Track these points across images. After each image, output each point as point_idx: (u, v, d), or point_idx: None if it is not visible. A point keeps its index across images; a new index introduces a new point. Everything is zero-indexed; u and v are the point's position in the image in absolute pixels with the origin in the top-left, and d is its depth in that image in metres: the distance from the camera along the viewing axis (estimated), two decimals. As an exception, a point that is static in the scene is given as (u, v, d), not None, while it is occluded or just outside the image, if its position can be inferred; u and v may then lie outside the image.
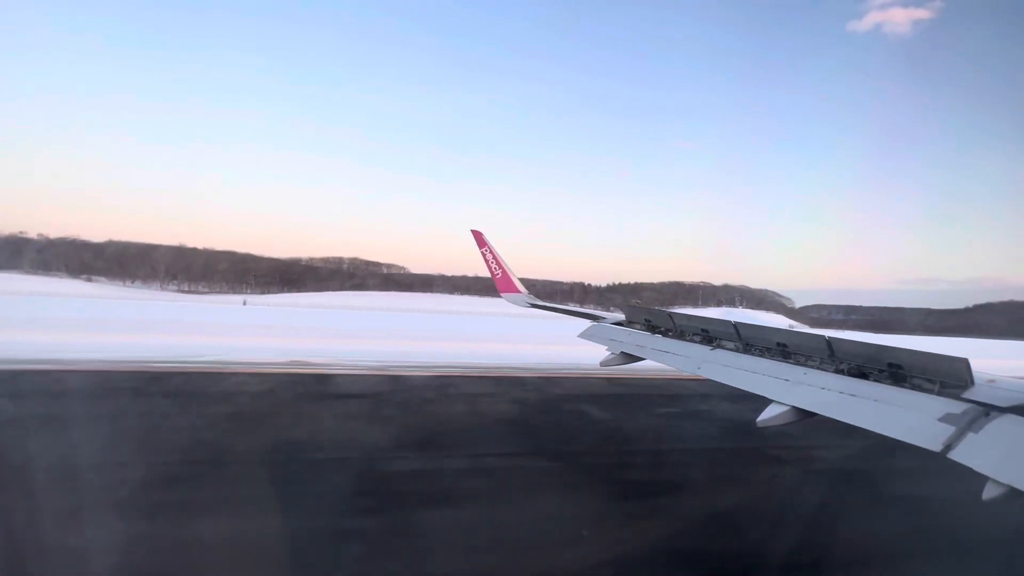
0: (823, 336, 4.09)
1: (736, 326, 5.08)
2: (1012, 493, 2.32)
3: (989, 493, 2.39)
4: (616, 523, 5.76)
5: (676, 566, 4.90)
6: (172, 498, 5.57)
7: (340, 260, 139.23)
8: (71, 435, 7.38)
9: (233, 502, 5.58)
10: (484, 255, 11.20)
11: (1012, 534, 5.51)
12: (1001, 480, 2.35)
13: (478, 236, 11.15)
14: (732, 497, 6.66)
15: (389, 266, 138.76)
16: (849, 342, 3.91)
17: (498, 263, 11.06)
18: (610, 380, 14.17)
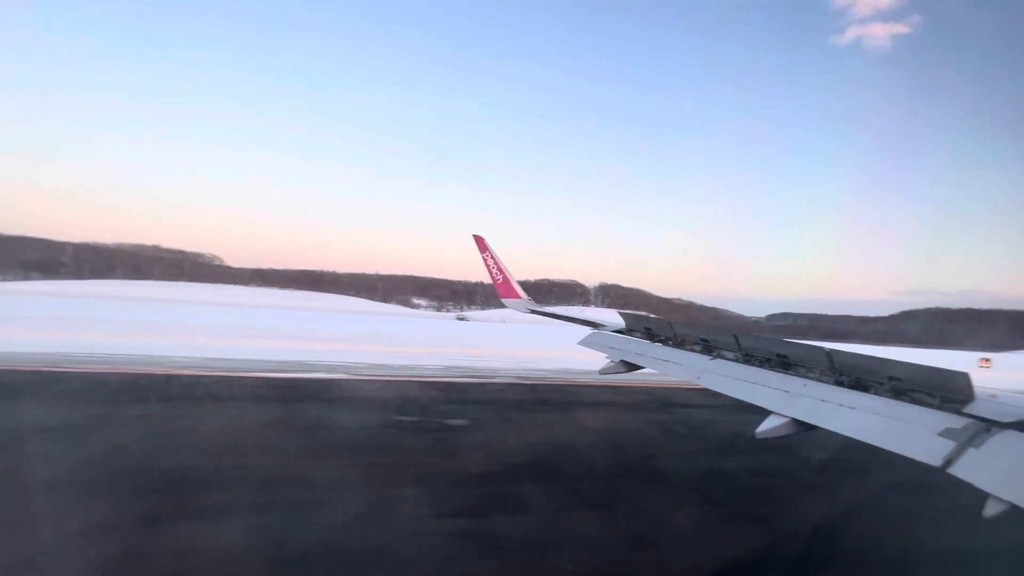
0: (823, 348, 4.06)
1: (736, 336, 5.05)
2: (1013, 510, 2.29)
3: (990, 510, 2.36)
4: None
5: None
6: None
7: (143, 247, 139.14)
8: None
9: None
10: (485, 260, 11.07)
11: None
12: (1003, 497, 2.32)
13: (480, 241, 11.00)
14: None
15: (198, 255, 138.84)
16: (849, 354, 3.88)
17: (499, 268, 10.93)
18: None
